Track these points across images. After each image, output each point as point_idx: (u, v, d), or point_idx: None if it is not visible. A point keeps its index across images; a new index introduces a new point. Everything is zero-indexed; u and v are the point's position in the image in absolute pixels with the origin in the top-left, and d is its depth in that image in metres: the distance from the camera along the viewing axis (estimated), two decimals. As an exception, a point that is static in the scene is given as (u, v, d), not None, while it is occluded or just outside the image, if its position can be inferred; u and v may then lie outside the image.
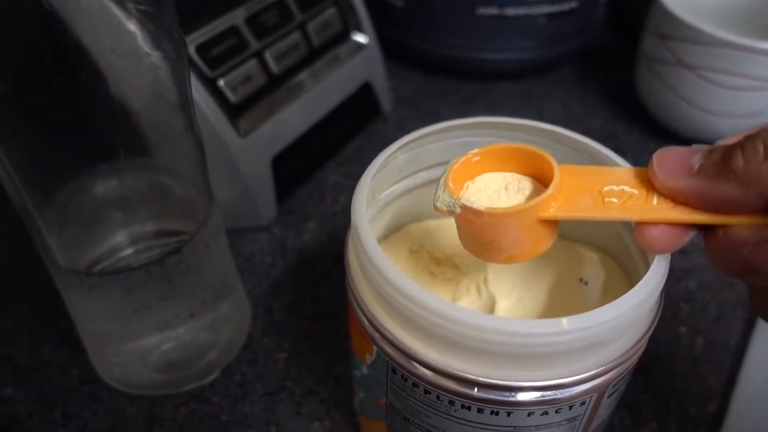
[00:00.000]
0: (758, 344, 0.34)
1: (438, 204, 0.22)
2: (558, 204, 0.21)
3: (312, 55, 0.43)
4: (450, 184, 0.21)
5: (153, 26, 0.22)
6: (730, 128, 0.44)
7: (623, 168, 0.22)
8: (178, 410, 0.32)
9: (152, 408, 0.32)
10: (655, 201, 0.20)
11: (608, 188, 0.21)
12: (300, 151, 0.43)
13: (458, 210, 0.21)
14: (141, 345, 0.30)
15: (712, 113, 0.43)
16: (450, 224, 0.30)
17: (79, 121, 0.24)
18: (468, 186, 0.23)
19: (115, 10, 0.22)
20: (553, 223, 0.21)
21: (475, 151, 0.23)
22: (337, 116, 0.45)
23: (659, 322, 0.22)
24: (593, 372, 0.20)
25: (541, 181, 0.22)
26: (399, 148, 0.25)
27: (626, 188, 0.21)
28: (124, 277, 0.27)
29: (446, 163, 0.27)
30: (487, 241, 0.21)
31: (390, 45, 0.53)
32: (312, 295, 0.37)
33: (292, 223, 0.42)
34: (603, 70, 0.56)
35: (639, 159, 0.46)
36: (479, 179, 0.23)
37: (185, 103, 0.25)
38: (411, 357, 0.21)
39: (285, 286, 0.38)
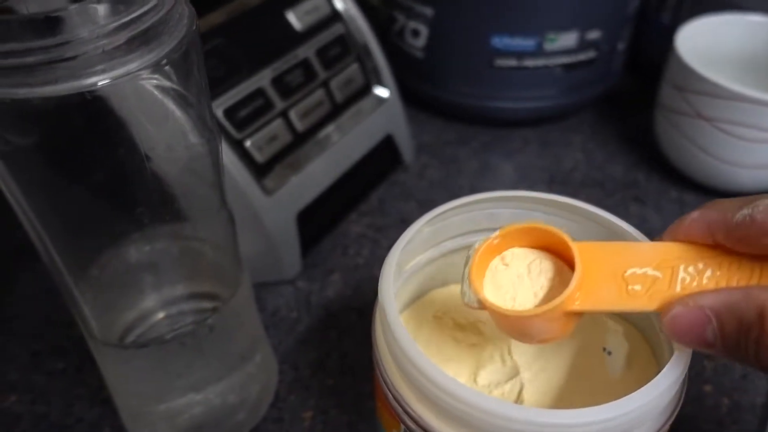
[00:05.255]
0: (783, 403, 0.33)
1: (466, 301, 0.22)
2: (582, 295, 0.21)
3: (335, 111, 0.44)
4: (474, 283, 0.22)
5: (192, 115, 0.23)
6: (749, 178, 0.44)
7: (645, 244, 0.22)
8: (207, 471, 0.32)
9: (182, 468, 0.32)
10: (678, 288, 0.20)
11: (631, 272, 0.21)
12: (324, 204, 0.44)
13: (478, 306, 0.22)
14: (171, 408, 0.31)
15: (730, 164, 0.44)
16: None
17: (115, 197, 0.25)
18: (496, 266, 0.23)
19: (156, 97, 0.23)
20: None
21: (496, 233, 0.23)
22: (359, 169, 0.46)
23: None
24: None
25: (562, 257, 0.23)
26: (424, 224, 0.26)
27: (649, 271, 0.20)
28: (158, 350, 0.28)
29: (469, 233, 0.29)
30: (517, 333, 0.22)
31: (410, 93, 0.55)
32: (337, 350, 0.38)
33: (316, 276, 0.43)
34: (623, 116, 0.57)
35: (660, 206, 0.47)
36: (506, 255, 0.23)
37: (218, 181, 0.26)
38: (438, 439, 0.21)
39: (310, 341, 0.39)
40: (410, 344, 0.21)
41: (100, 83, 0.18)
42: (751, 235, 0.19)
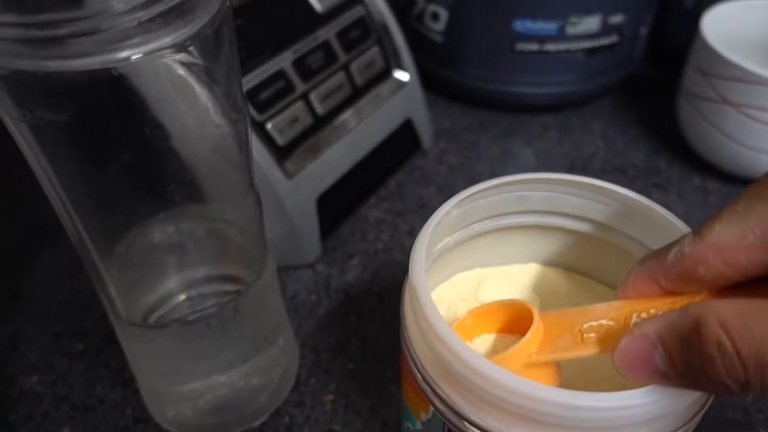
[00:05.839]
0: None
1: None
2: (539, 348, 0.22)
3: (355, 95, 0.44)
4: None
5: (219, 94, 0.23)
6: (776, 164, 0.43)
7: (602, 305, 0.22)
8: (229, 453, 0.32)
9: (204, 450, 0.32)
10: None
11: (588, 325, 0.21)
12: (343, 188, 0.43)
13: None
14: (195, 389, 0.31)
15: (756, 150, 0.43)
16: (498, 272, 0.31)
17: (143, 175, 0.25)
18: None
19: (185, 74, 0.22)
20: (550, 367, 0.22)
21: (465, 314, 0.24)
22: (378, 153, 0.46)
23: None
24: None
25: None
26: (454, 206, 0.25)
27: (604, 322, 0.21)
28: (183, 330, 0.27)
29: (498, 216, 0.28)
30: None
31: (429, 78, 0.54)
32: (357, 334, 0.38)
33: (336, 260, 0.42)
34: (643, 102, 0.56)
35: (682, 193, 0.46)
36: (476, 341, 0.25)
37: (246, 163, 0.26)
38: (469, 421, 0.21)
39: (330, 325, 0.38)
40: (443, 325, 0.20)
41: (133, 57, 0.18)
42: (687, 270, 0.19)
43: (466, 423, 0.21)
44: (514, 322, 0.24)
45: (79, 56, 0.18)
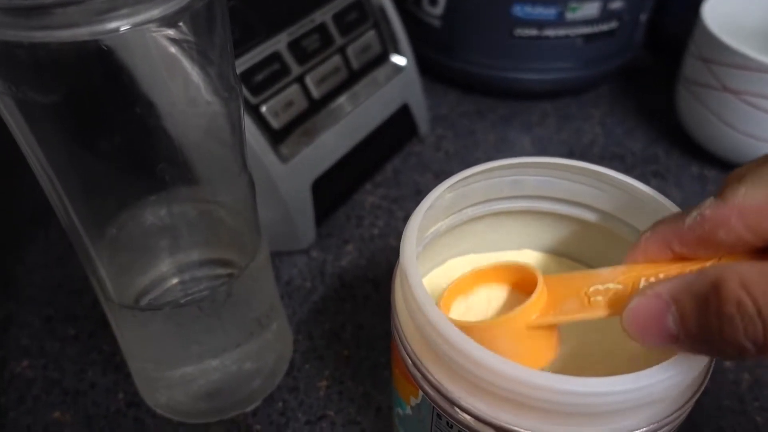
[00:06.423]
0: (806, 381, 0.33)
1: None
2: (543, 310, 0.21)
3: (351, 79, 0.43)
4: (441, 304, 0.23)
5: (212, 72, 0.22)
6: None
7: (609, 269, 0.22)
8: (221, 437, 0.32)
9: (196, 434, 0.32)
10: None
11: (594, 288, 0.21)
12: (338, 173, 0.43)
13: None
14: (187, 374, 0.31)
15: (756, 138, 0.43)
16: (492, 258, 0.30)
17: (134, 154, 0.24)
18: (459, 301, 0.24)
19: (174, 51, 0.22)
20: (551, 331, 0.22)
21: (466, 273, 0.24)
22: (374, 138, 0.45)
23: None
24: (642, 430, 0.20)
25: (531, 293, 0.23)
26: (446, 189, 0.25)
27: (611, 285, 0.21)
28: (175, 313, 0.27)
29: (491, 200, 0.28)
30: None
31: (426, 63, 0.53)
32: (352, 321, 0.38)
33: (331, 246, 0.42)
34: (642, 90, 0.56)
35: (680, 182, 0.46)
36: (470, 296, 0.25)
37: (239, 143, 0.26)
38: (458, 406, 0.21)
39: (325, 311, 0.38)
40: (433, 309, 0.20)
41: (121, 28, 0.18)
42: (706, 232, 0.19)
43: (455, 408, 0.21)
44: (518, 284, 0.24)
45: (66, 26, 0.17)
